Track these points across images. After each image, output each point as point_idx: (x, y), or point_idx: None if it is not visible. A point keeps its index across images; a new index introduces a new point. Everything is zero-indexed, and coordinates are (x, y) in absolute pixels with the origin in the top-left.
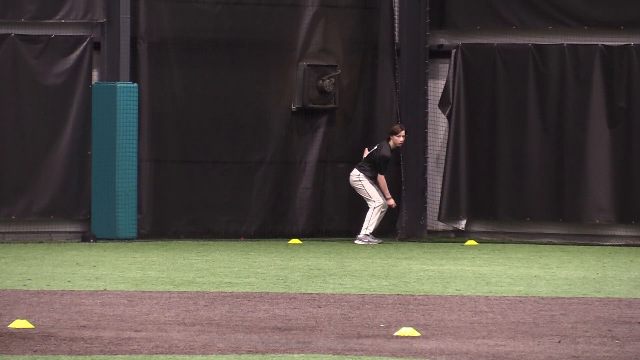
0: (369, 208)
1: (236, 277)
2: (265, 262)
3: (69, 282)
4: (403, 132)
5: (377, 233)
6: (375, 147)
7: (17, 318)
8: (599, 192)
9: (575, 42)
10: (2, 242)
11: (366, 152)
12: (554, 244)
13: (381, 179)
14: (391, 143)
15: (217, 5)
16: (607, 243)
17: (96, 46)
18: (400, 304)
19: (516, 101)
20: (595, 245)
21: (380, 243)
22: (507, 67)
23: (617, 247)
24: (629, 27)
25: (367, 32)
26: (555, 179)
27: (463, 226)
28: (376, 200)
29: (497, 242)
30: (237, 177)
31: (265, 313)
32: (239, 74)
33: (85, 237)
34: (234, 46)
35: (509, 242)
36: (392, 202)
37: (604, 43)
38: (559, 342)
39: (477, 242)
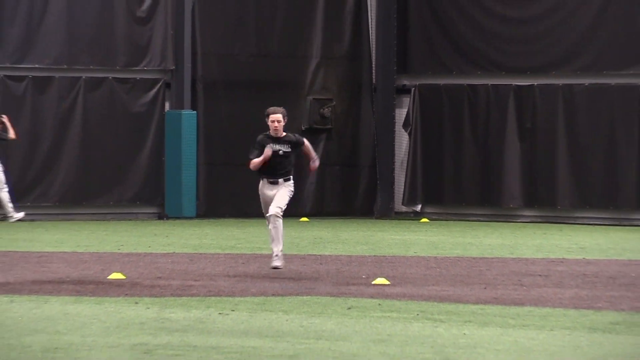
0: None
1: (264, 243)
2: (285, 233)
3: (149, 247)
4: (272, 117)
5: (360, 213)
6: None
7: (114, 272)
8: (513, 185)
9: (496, 83)
10: (104, 220)
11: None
12: (481, 221)
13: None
14: None
15: (250, 57)
16: (518, 220)
17: (167, 85)
18: (376, 262)
19: (455, 123)
20: (510, 222)
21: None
22: (450, 100)
23: (525, 224)
24: (534, 72)
25: (354, 75)
26: (482, 176)
27: (419, 209)
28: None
29: (443, 220)
30: None
31: (283, 268)
32: (265, 103)
33: (161, 216)
34: (262, 85)
35: (450, 220)
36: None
37: (516, 83)
38: (485, 288)
39: (429, 220)
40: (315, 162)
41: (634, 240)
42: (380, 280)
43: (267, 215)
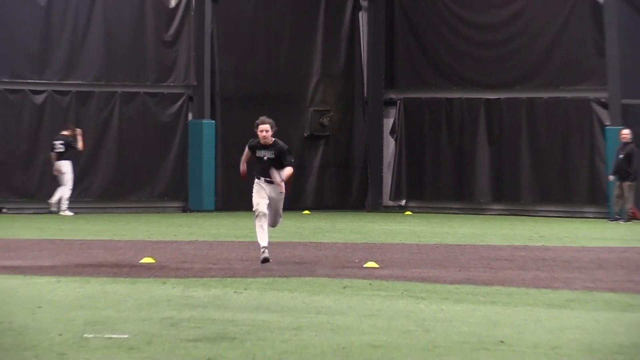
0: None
1: (272, 232)
2: (290, 224)
3: (175, 235)
4: (260, 127)
5: (355, 207)
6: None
7: (145, 256)
8: (483, 183)
9: (469, 97)
10: (136, 213)
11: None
12: (456, 214)
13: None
14: None
15: (261, 74)
16: (487, 213)
17: (190, 99)
18: (367, 248)
19: (434, 131)
20: (480, 214)
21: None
22: (429, 111)
23: (493, 216)
24: (501, 88)
25: (348, 90)
26: (457, 175)
27: (404, 203)
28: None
29: (423, 213)
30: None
31: (288, 253)
32: (274, 114)
33: (185, 209)
34: (270, 98)
35: (430, 213)
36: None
37: (486, 97)
38: (459, 270)
39: (412, 212)
40: (279, 182)
41: (586, 230)
42: (370, 264)
43: (262, 210)
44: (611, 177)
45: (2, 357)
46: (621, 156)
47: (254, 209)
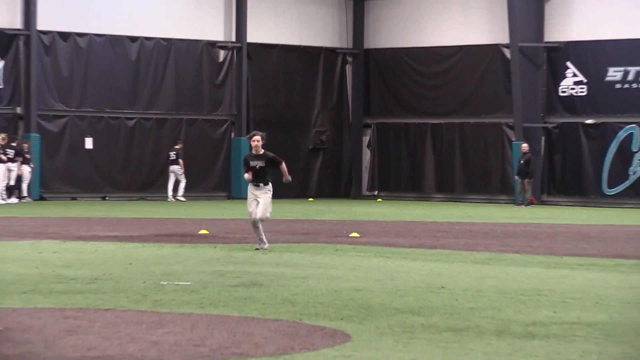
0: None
1: (289, 214)
2: (298, 208)
3: (222, 215)
4: (253, 138)
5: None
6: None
7: (202, 229)
8: (430, 179)
9: (419, 122)
10: (197, 200)
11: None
12: (412, 200)
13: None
14: None
15: (280, 107)
16: (433, 200)
17: (233, 123)
18: (352, 223)
19: (397, 145)
20: (428, 201)
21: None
22: (394, 131)
23: (437, 202)
24: (441, 115)
25: (338, 117)
26: (412, 174)
27: (376, 193)
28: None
29: (390, 200)
30: (293, 174)
31: (298, 227)
32: (289, 134)
33: (229, 197)
34: (287, 123)
35: (394, 200)
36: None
37: (431, 122)
38: (414, 238)
39: (382, 199)
40: (286, 178)
41: (499, 212)
42: (354, 234)
43: (254, 217)
44: (516, 177)
45: (105, 298)
46: (522, 162)
47: (250, 216)
